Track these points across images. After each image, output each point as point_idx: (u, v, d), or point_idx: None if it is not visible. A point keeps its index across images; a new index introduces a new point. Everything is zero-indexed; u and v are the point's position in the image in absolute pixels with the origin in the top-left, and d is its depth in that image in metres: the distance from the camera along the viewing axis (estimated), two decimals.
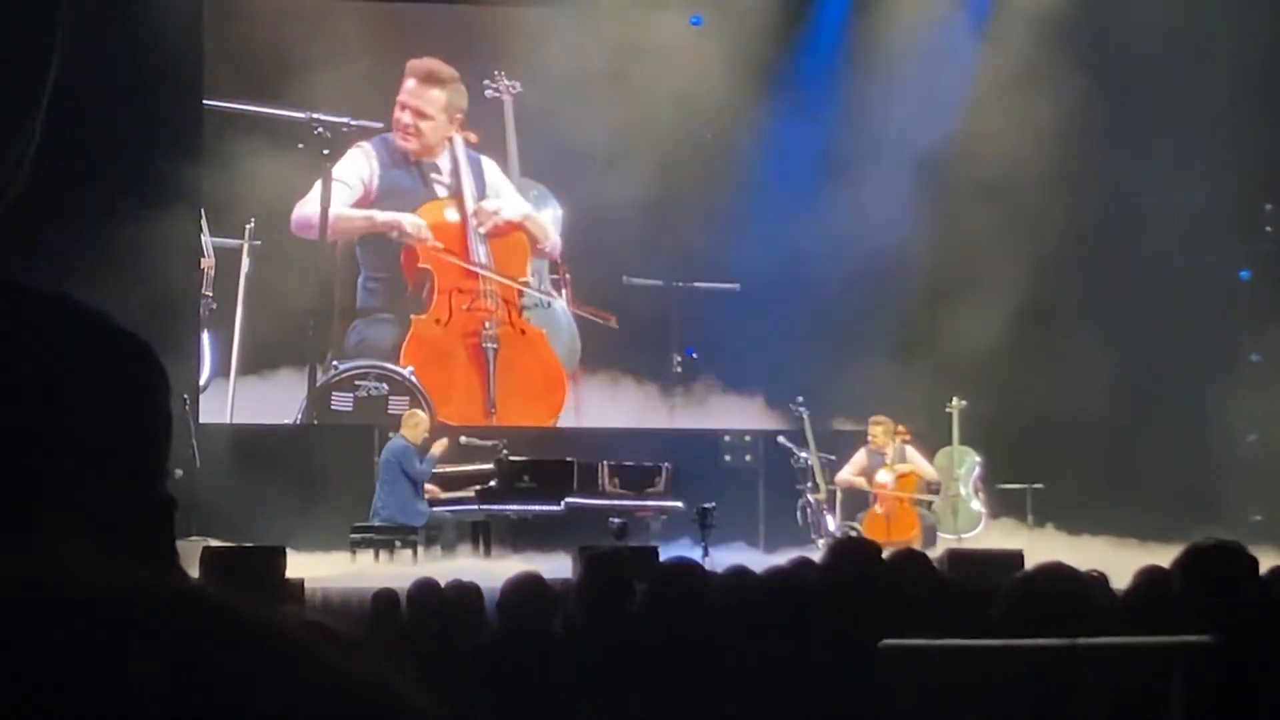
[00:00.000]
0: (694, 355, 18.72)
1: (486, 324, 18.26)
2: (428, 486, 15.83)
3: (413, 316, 18.19)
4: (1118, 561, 9.36)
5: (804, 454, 16.44)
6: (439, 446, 15.86)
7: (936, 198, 18.37)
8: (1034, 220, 17.34)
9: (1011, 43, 17.54)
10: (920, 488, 16.41)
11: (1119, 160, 17.85)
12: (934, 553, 12.10)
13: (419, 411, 16.30)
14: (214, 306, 17.77)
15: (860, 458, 16.45)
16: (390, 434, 16.24)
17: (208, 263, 17.76)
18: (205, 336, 17.76)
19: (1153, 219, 17.66)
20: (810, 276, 18.16)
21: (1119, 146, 17.84)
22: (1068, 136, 17.50)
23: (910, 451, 16.48)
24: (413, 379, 17.97)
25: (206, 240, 17.71)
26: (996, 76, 17.43)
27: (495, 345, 18.22)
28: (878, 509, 16.22)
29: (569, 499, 15.77)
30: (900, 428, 16.55)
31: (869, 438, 16.43)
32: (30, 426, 1.17)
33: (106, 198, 16.55)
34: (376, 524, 15.55)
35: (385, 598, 7.84)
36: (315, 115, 17.77)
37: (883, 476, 16.28)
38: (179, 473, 14.45)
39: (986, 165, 17.29)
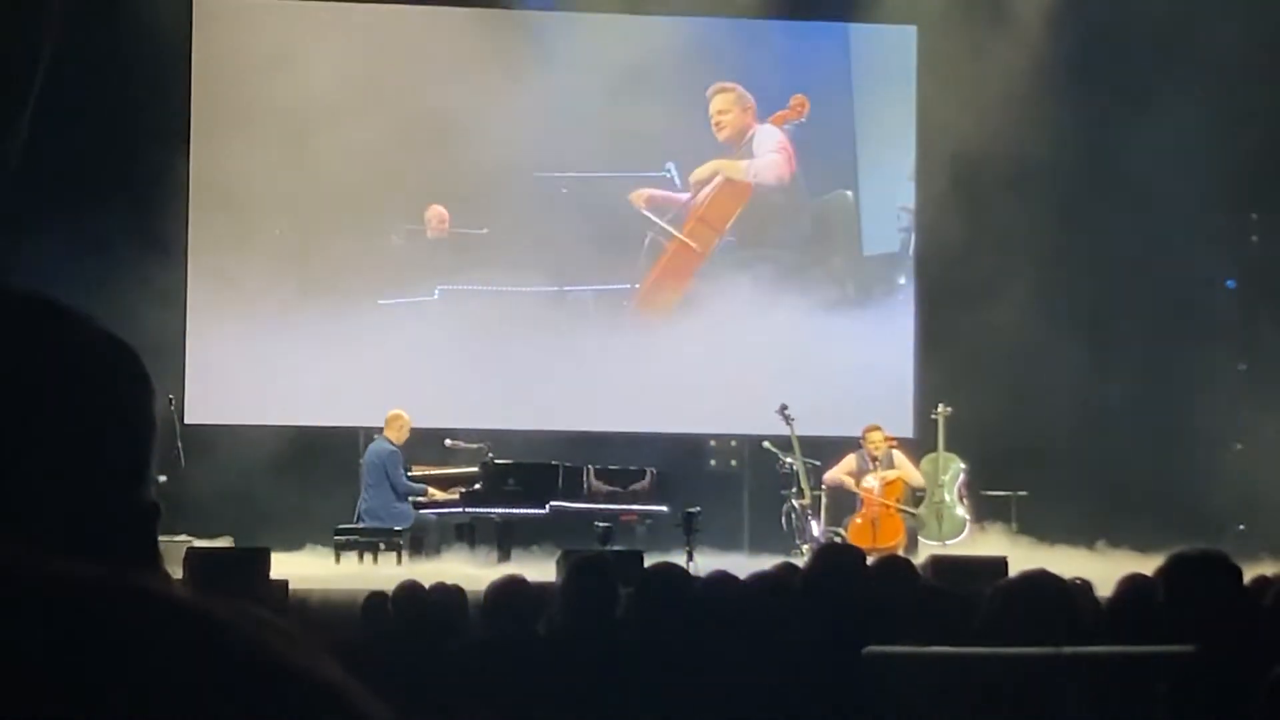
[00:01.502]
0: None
1: None
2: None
3: None
4: (1102, 569, 9.37)
5: (789, 459, 16.42)
6: (433, 492, 15.88)
7: (926, 207, 18.42)
8: (1021, 229, 17.34)
9: (1000, 50, 17.53)
10: (906, 493, 16.38)
11: (1105, 169, 17.87)
12: (917, 559, 12.12)
13: (402, 413, 16.24)
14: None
15: (851, 461, 16.42)
16: (375, 436, 16.22)
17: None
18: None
19: (1139, 228, 17.67)
20: (800, 282, 18.26)
21: (1105, 155, 17.85)
22: (1053, 145, 17.52)
23: (898, 456, 16.46)
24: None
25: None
26: (981, 83, 17.40)
27: None
28: (863, 515, 16.20)
29: (554, 502, 15.74)
30: (888, 434, 16.56)
31: (864, 442, 16.37)
32: (10, 429, 1.17)
33: (93, 195, 16.55)
34: (361, 526, 15.53)
35: (375, 600, 7.85)
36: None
37: (869, 482, 16.28)
38: (163, 479, 14.42)
39: (973, 176, 17.29)
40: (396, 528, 15.47)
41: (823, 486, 16.42)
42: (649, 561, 9.27)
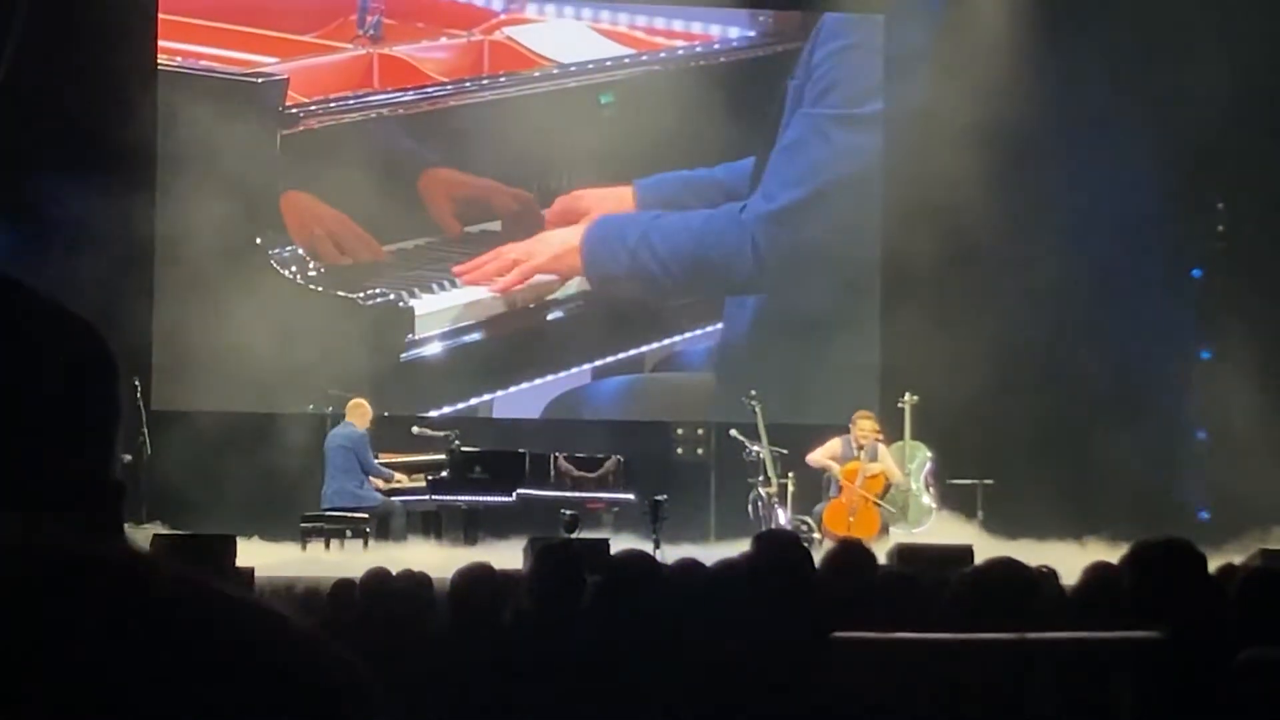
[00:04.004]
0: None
1: None
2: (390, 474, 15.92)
3: None
4: (1067, 557, 9.42)
5: (755, 447, 16.42)
6: (399, 476, 15.91)
7: (890, 193, 18.47)
8: (988, 219, 17.36)
9: (966, 33, 17.54)
10: (884, 489, 16.22)
11: (1070, 157, 17.90)
12: (884, 546, 12.13)
13: (364, 401, 16.19)
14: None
15: (835, 444, 16.23)
16: (337, 421, 16.20)
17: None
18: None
19: (1105, 216, 17.72)
20: (765, 269, 18.30)
21: (1070, 143, 17.89)
22: (1018, 132, 17.53)
23: (882, 450, 16.30)
24: None
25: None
26: (945, 74, 17.40)
27: None
28: (843, 499, 16.02)
29: (520, 490, 15.75)
30: (878, 426, 16.49)
31: (853, 428, 16.20)
32: None
33: (60, 175, 16.45)
34: (327, 513, 15.50)
35: (342, 588, 7.83)
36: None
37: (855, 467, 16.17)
38: (127, 458, 14.35)
39: (938, 160, 17.30)
40: (367, 506, 15.44)
41: (788, 475, 16.40)
42: (616, 549, 9.27)
